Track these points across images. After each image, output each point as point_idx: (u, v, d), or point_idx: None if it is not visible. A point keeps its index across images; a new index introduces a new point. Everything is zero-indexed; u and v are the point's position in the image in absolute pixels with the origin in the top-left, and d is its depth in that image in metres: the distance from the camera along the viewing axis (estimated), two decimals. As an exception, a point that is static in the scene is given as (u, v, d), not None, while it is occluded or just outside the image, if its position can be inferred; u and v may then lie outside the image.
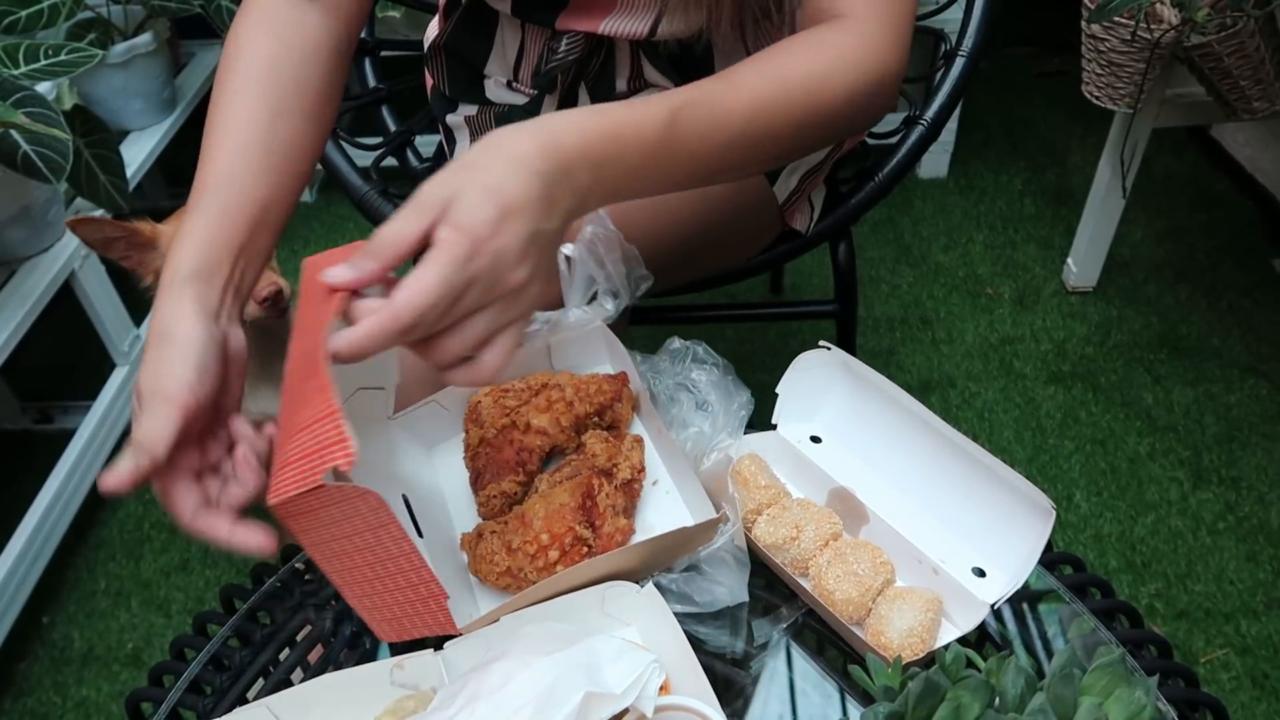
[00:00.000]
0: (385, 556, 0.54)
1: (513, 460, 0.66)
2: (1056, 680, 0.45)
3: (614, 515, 0.63)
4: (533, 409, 0.67)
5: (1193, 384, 1.57)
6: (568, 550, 0.60)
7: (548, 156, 0.51)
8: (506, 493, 0.66)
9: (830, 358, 0.71)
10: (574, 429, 0.68)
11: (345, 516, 0.52)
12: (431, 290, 0.47)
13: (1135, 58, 1.36)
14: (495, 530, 0.63)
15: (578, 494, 0.62)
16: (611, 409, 0.69)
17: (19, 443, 1.60)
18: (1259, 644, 1.23)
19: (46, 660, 1.31)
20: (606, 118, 0.54)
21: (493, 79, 0.95)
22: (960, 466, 0.64)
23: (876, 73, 0.63)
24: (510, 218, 0.48)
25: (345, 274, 0.49)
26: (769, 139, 0.61)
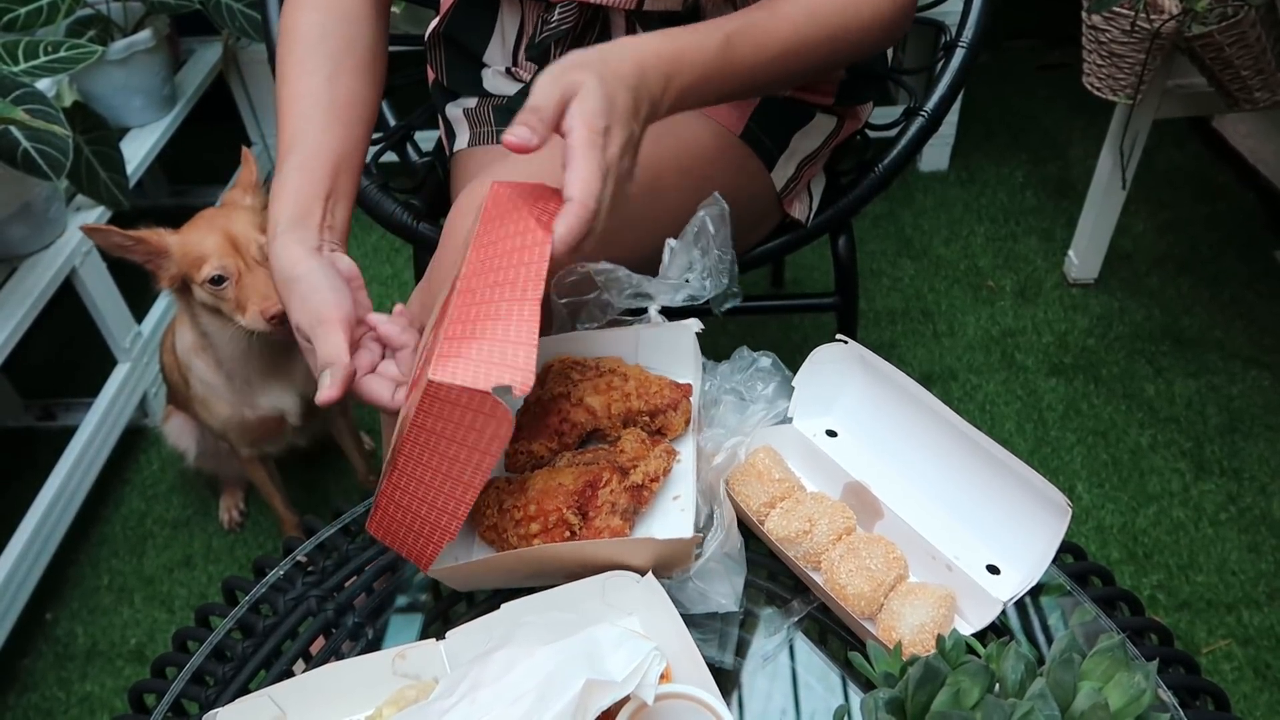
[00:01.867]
0: (456, 476, 0.56)
1: (554, 427, 0.68)
2: (1056, 665, 0.45)
3: (610, 512, 0.62)
4: (591, 388, 0.69)
5: (1195, 375, 1.57)
6: (550, 529, 0.61)
7: (636, 72, 0.62)
8: (534, 453, 0.67)
9: (847, 351, 0.71)
10: (622, 420, 0.69)
11: (468, 427, 0.54)
12: (595, 179, 0.58)
13: (1136, 48, 1.36)
14: (500, 485, 0.65)
15: (581, 480, 0.62)
16: (665, 415, 0.70)
17: (21, 440, 1.60)
18: (1261, 634, 1.23)
19: (50, 656, 1.32)
20: (674, 41, 0.65)
21: (491, 69, 0.95)
22: (976, 462, 0.64)
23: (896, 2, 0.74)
24: (614, 126, 0.60)
25: (526, 134, 0.58)
26: (806, 59, 0.72)
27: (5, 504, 1.43)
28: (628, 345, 0.73)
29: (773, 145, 0.90)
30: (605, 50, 0.63)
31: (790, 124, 0.91)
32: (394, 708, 0.56)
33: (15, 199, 1.30)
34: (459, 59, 0.96)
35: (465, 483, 0.56)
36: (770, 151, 0.90)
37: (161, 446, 1.54)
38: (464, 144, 0.95)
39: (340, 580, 0.70)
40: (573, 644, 0.51)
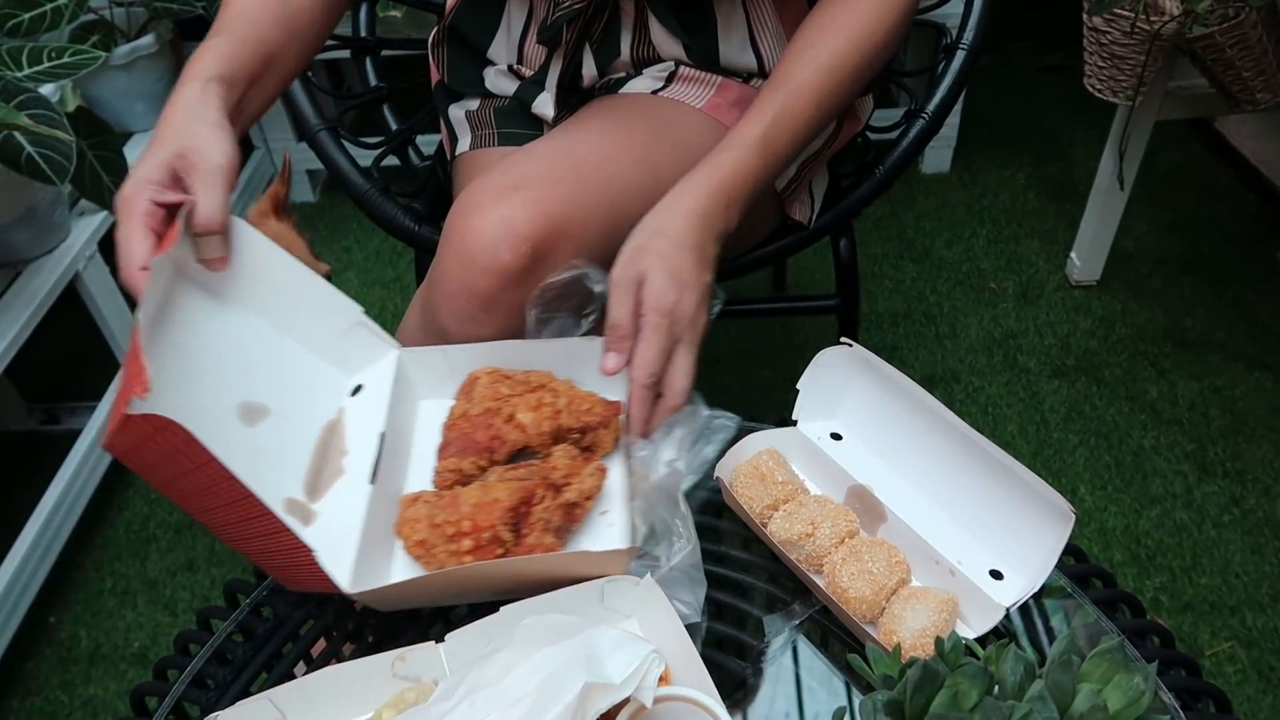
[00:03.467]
0: (231, 499, 0.55)
1: (483, 443, 0.66)
2: (1055, 667, 0.45)
3: (543, 530, 0.62)
4: (522, 403, 0.68)
5: (1197, 377, 1.57)
6: (482, 545, 0.60)
7: (697, 229, 0.68)
8: (463, 470, 0.66)
9: (852, 354, 0.71)
10: (552, 436, 0.68)
11: (167, 454, 0.53)
12: (654, 359, 0.65)
13: (1137, 50, 1.36)
14: (429, 501, 0.63)
15: (516, 497, 0.61)
16: (595, 432, 0.69)
17: (25, 444, 1.61)
18: (1265, 637, 1.22)
19: (54, 659, 1.32)
20: (718, 173, 0.71)
21: (494, 67, 0.95)
22: (980, 467, 0.64)
23: (897, 15, 0.76)
24: (686, 289, 0.66)
25: (617, 360, 0.67)
26: (832, 112, 0.77)
27: (9, 508, 1.43)
28: (558, 359, 0.72)
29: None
30: (660, 221, 0.68)
31: None
32: (394, 710, 0.56)
33: (19, 204, 1.30)
34: (462, 56, 0.97)
35: (237, 497, 0.55)
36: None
37: (164, 450, 1.54)
38: (465, 147, 0.95)
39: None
40: (572, 646, 0.51)
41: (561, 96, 0.91)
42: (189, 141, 0.64)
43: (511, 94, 0.95)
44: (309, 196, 2.13)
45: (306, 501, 0.65)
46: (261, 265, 0.69)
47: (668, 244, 0.67)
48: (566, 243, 0.73)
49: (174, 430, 0.53)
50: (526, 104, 0.92)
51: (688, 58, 0.87)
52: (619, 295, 0.67)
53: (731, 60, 0.88)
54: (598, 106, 0.88)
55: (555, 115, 0.91)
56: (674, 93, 0.87)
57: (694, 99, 0.86)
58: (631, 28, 0.86)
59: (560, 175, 0.75)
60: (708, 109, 0.86)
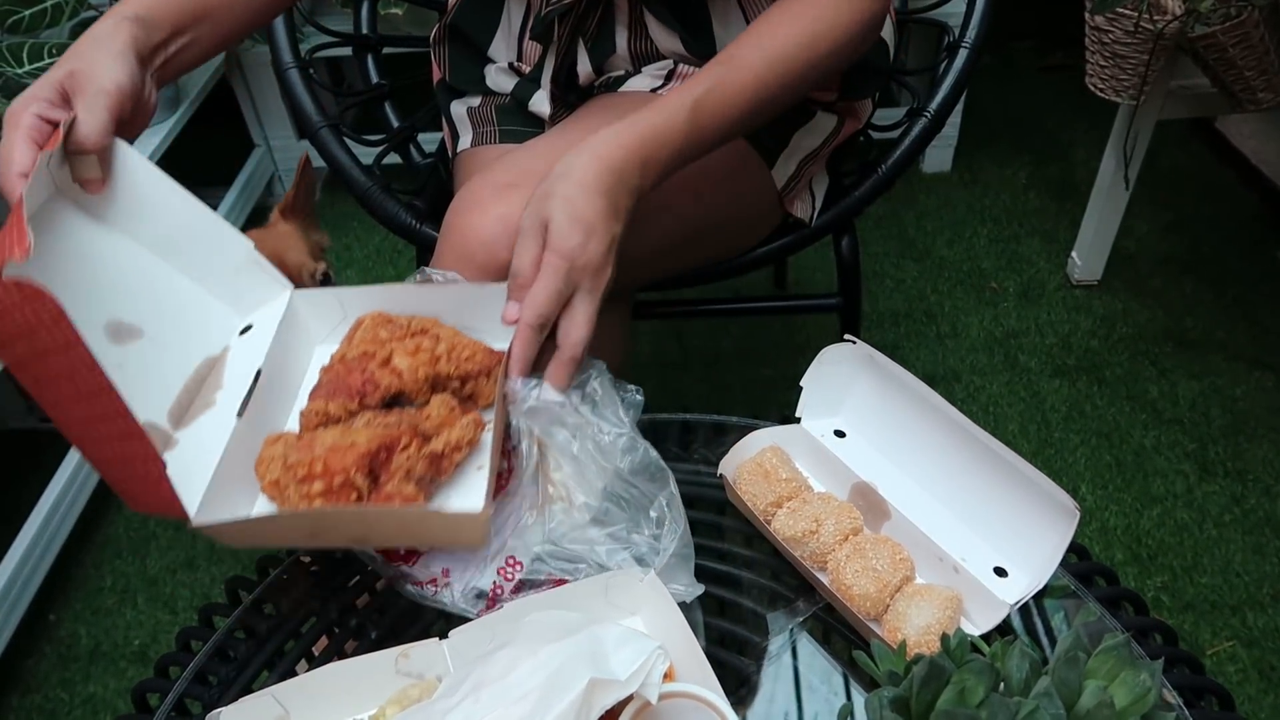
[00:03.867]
0: (88, 390, 0.52)
1: (355, 386, 0.63)
2: (1061, 664, 0.45)
3: (403, 478, 0.58)
4: (401, 348, 0.65)
5: (1198, 377, 1.57)
6: (334, 489, 0.57)
7: (605, 174, 0.65)
8: (330, 413, 0.63)
9: (855, 352, 0.71)
10: (429, 384, 0.65)
11: (30, 328, 0.52)
12: (545, 301, 0.62)
13: (1139, 49, 1.36)
14: (287, 440, 0.61)
15: (375, 442, 0.58)
16: (475, 381, 0.66)
17: (25, 441, 1.61)
18: (1266, 636, 1.22)
19: (54, 657, 1.32)
20: (639, 127, 0.67)
21: (495, 65, 0.95)
22: (984, 464, 0.64)
23: (860, 19, 0.74)
24: (591, 235, 0.63)
25: (514, 312, 0.63)
26: (773, 103, 0.73)
27: (9, 505, 1.43)
28: (448, 304, 0.69)
29: (773, 143, 0.90)
30: (568, 165, 0.65)
31: (791, 122, 0.91)
32: (397, 707, 0.56)
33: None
34: (463, 54, 0.97)
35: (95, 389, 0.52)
36: (771, 149, 0.90)
37: (165, 448, 1.54)
38: (467, 144, 0.95)
39: (343, 580, 0.70)
40: (576, 643, 0.51)
41: (559, 94, 0.91)
42: (82, 64, 0.64)
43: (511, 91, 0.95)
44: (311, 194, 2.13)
45: (169, 429, 0.63)
46: (150, 194, 0.67)
47: (574, 187, 0.64)
48: None
49: (45, 302, 0.50)
50: (524, 102, 0.92)
51: (686, 51, 0.87)
52: (524, 242, 0.64)
53: None
54: (597, 105, 0.88)
55: (552, 113, 0.91)
56: None
57: None
58: (627, 24, 0.86)
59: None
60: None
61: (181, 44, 0.71)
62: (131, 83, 0.65)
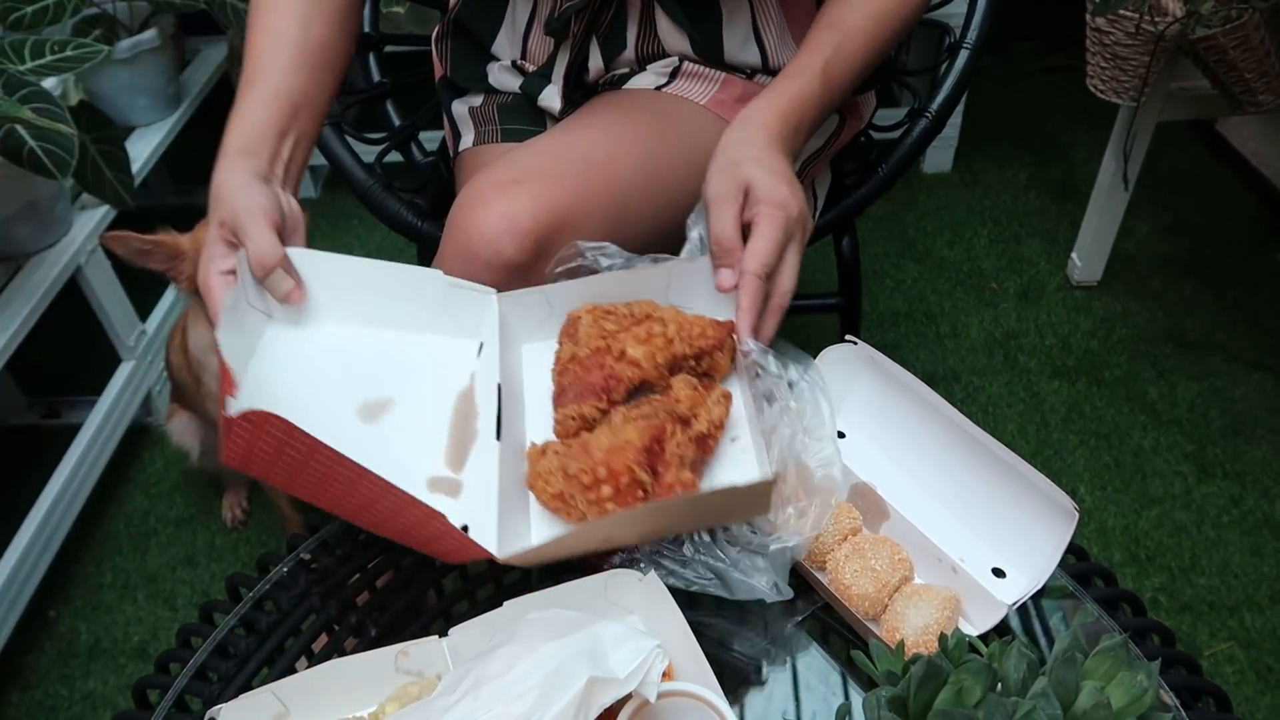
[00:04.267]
0: (350, 481, 0.54)
1: (599, 385, 0.64)
2: (1059, 664, 0.45)
3: (679, 465, 0.59)
4: (631, 337, 0.65)
5: (1197, 378, 1.57)
6: (622, 490, 0.57)
7: (779, 139, 0.70)
8: (585, 416, 0.64)
9: (856, 352, 0.71)
10: (668, 367, 0.65)
11: (277, 450, 0.53)
12: (772, 250, 0.65)
13: (1140, 51, 1.36)
14: (559, 451, 0.61)
15: (647, 435, 0.59)
16: (710, 356, 0.66)
17: (26, 438, 1.61)
18: (1263, 637, 1.22)
19: (53, 653, 1.32)
20: (785, 98, 0.73)
21: (498, 63, 0.95)
22: (983, 465, 0.64)
23: None
24: (794, 186, 0.67)
25: (730, 276, 0.66)
26: (881, 57, 0.79)
27: (9, 502, 1.43)
28: (658, 286, 0.69)
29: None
30: (741, 136, 0.70)
31: None
32: (396, 704, 0.56)
33: (21, 197, 1.30)
34: (466, 52, 0.97)
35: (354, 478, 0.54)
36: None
37: (165, 445, 1.54)
38: (469, 143, 0.95)
39: (343, 577, 0.70)
40: (576, 641, 0.52)
41: (567, 91, 0.91)
42: (224, 210, 0.67)
43: (515, 89, 0.95)
44: (311, 192, 2.13)
45: (452, 474, 0.64)
46: (338, 278, 0.70)
47: (761, 151, 0.68)
48: (569, 237, 0.73)
49: (273, 422, 0.52)
50: (533, 97, 0.92)
51: (693, 51, 0.87)
52: (720, 209, 0.66)
53: (735, 55, 0.88)
54: (601, 102, 0.88)
55: (561, 109, 0.91)
56: (678, 88, 0.87)
57: (698, 95, 0.87)
58: (638, 21, 0.86)
59: (563, 170, 0.75)
60: (711, 105, 0.86)
61: (291, 144, 0.73)
62: (270, 200, 0.67)
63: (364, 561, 0.71)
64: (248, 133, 0.71)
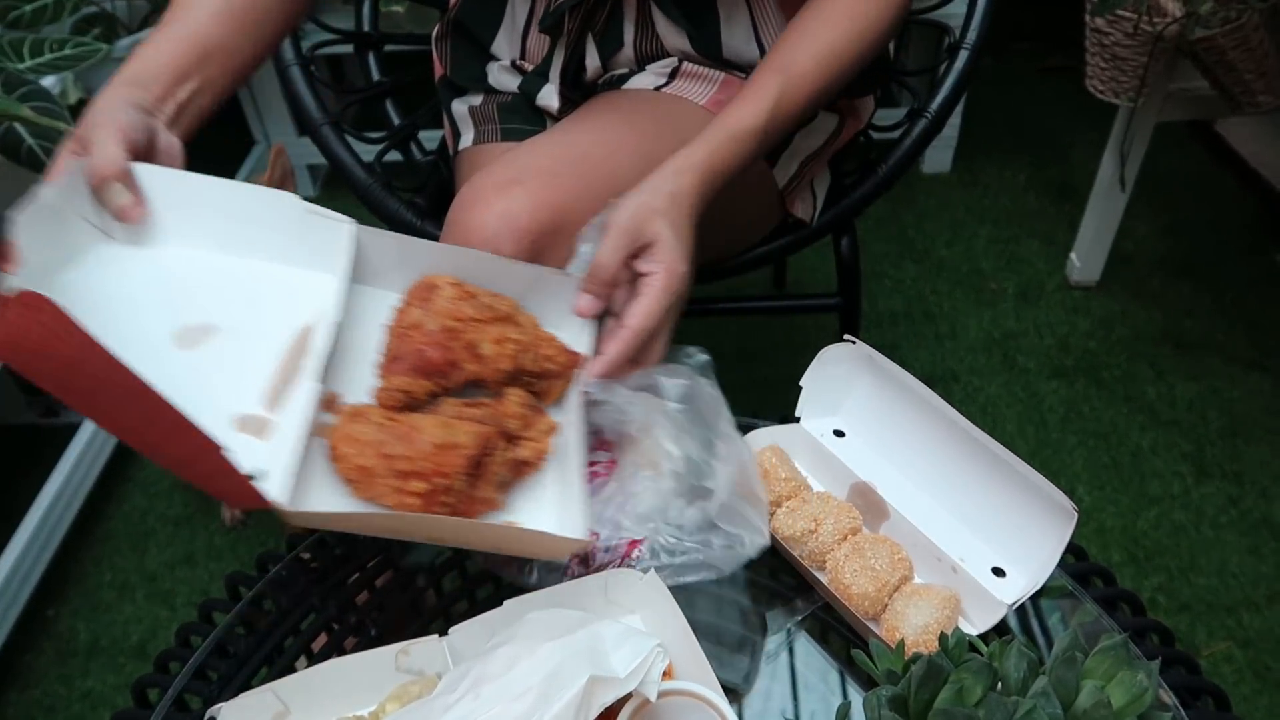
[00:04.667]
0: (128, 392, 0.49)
1: (438, 365, 0.60)
2: (1059, 664, 0.45)
3: (493, 485, 0.58)
4: (486, 334, 0.62)
5: (1196, 379, 1.57)
6: (434, 490, 0.55)
7: (698, 203, 0.69)
8: (413, 394, 0.60)
9: (855, 351, 0.71)
10: (507, 376, 0.63)
11: (48, 343, 0.49)
12: (657, 315, 0.64)
13: (1139, 51, 1.36)
14: (381, 424, 0.56)
15: (478, 444, 0.57)
16: (550, 381, 0.65)
17: (24, 437, 1.61)
18: (1261, 637, 1.23)
19: (52, 652, 1.32)
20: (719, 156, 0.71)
21: (497, 63, 0.95)
22: (983, 464, 0.64)
23: (895, 7, 0.77)
24: (690, 263, 0.67)
25: (591, 303, 0.66)
26: (825, 101, 0.78)
27: (8, 501, 1.43)
28: (524, 286, 0.67)
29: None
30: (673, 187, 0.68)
31: None
32: (397, 703, 0.56)
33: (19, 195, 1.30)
34: (466, 51, 0.97)
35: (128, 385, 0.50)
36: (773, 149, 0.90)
37: (163, 444, 1.54)
38: (469, 142, 0.95)
39: (343, 576, 0.70)
40: (576, 640, 0.52)
41: (565, 90, 0.91)
42: (85, 124, 0.64)
43: (515, 89, 0.95)
44: (310, 191, 2.13)
45: (265, 413, 0.58)
46: (188, 198, 0.65)
47: (679, 215, 0.67)
48: (568, 236, 0.73)
49: (46, 309, 0.48)
50: (531, 96, 0.92)
51: (692, 49, 0.87)
52: (617, 239, 0.64)
53: (736, 53, 0.88)
54: (600, 102, 0.88)
55: (559, 108, 0.91)
56: (677, 89, 0.87)
57: (697, 95, 0.87)
58: (634, 19, 0.86)
59: (562, 169, 0.75)
60: (710, 105, 0.86)
61: (192, 89, 0.71)
62: (134, 122, 0.65)
63: (364, 561, 0.71)
64: (142, 67, 0.69)
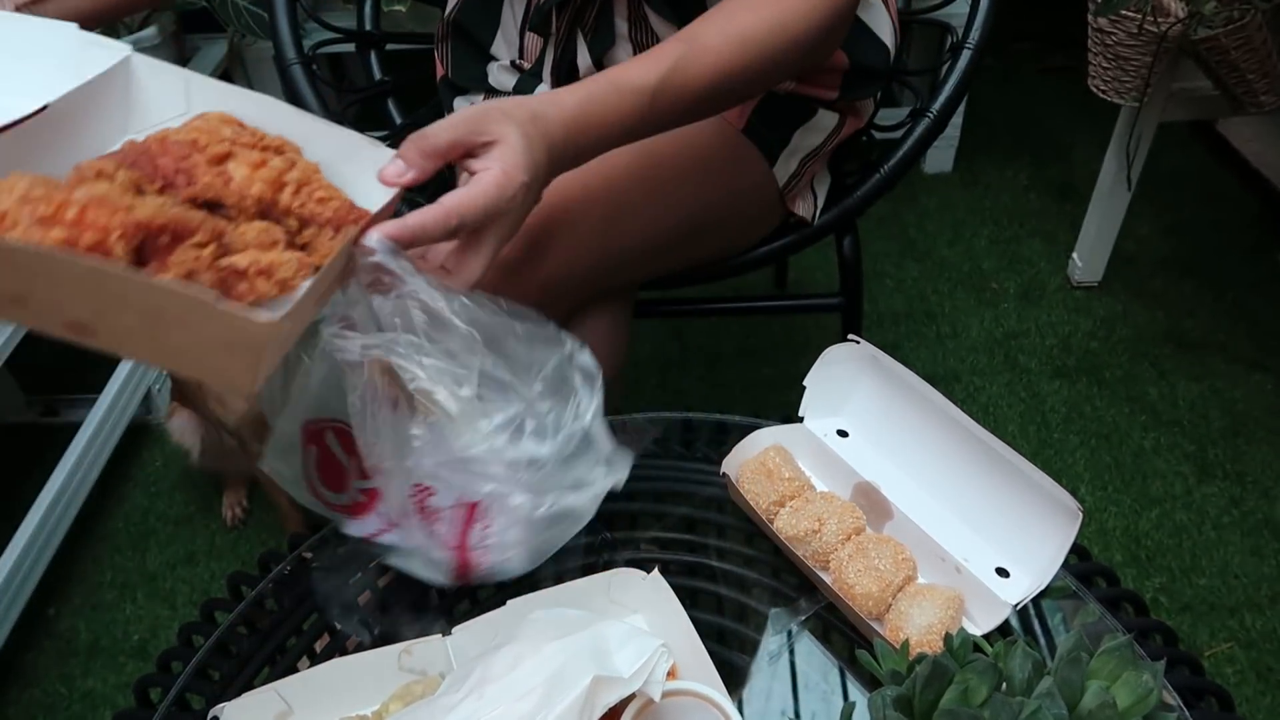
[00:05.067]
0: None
1: (165, 171, 0.49)
2: (1064, 664, 0.45)
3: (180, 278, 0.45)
4: (243, 155, 0.51)
5: (1198, 379, 1.57)
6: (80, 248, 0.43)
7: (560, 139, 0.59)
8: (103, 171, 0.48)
9: (859, 351, 0.71)
10: (258, 210, 0.51)
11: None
12: (478, 210, 0.54)
13: (1141, 51, 1.36)
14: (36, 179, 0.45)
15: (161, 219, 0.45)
16: (317, 230, 0.51)
17: (25, 436, 1.60)
18: (1264, 638, 1.22)
19: (52, 652, 1.32)
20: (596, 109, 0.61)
21: (497, 63, 0.95)
22: (987, 465, 0.64)
23: (830, 9, 0.68)
24: (532, 184, 0.57)
25: (400, 170, 0.55)
26: (734, 91, 0.68)
27: (8, 500, 1.43)
28: (318, 138, 0.56)
29: (774, 140, 0.90)
30: (531, 104, 0.59)
31: (793, 120, 0.91)
32: (400, 703, 0.56)
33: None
34: (466, 52, 0.97)
35: None
36: (772, 146, 0.90)
37: (165, 443, 1.54)
38: (470, 141, 0.95)
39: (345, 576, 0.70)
40: (580, 640, 0.51)
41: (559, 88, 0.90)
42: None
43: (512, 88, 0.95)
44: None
45: None
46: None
47: (538, 135, 0.57)
48: (564, 234, 0.73)
49: None
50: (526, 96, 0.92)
51: None
52: (454, 121, 0.55)
53: None
54: None
55: None
56: None
57: None
58: (627, 16, 0.86)
59: None
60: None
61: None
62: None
63: (367, 559, 0.71)
64: None
